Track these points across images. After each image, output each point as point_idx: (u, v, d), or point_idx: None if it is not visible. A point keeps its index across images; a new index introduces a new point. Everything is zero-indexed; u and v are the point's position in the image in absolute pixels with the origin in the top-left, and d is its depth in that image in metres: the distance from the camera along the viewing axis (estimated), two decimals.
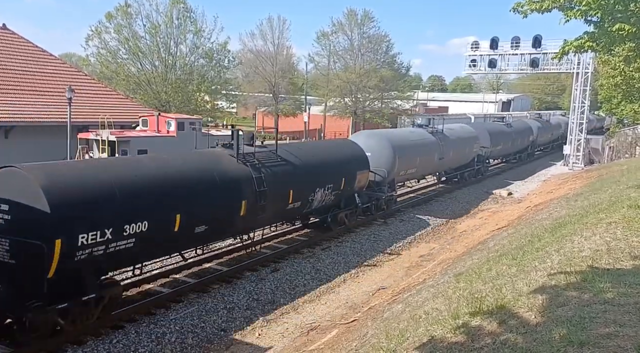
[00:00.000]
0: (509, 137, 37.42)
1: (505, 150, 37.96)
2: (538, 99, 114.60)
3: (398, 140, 22.52)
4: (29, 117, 25.12)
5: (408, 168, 23.06)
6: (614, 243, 9.16)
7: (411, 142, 23.39)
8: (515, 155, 42.07)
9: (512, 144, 38.37)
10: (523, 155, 43.67)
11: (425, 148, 24.39)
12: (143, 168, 11.28)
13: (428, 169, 26.10)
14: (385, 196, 21.22)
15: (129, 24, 39.21)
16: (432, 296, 9.93)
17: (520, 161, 42.75)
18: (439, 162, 26.28)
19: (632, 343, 5.04)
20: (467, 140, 29.98)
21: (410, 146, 22.98)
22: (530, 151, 44.86)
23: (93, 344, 10.11)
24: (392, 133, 24.84)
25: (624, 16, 11.42)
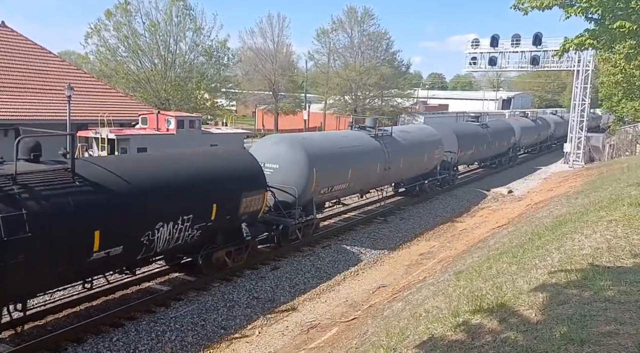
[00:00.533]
0: (483, 139, 32.14)
1: (479, 154, 32.66)
2: (538, 97, 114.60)
3: (319, 147, 17.07)
4: (28, 115, 25.08)
5: (334, 183, 17.54)
6: (614, 241, 9.14)
7: (340, 150, 17.87)
8: (493, 160, 36.75)
9: (487, 148, 32.99)
10: (504, 160, 37.77)
11: (362, 156, 18.87)
12: None
13: (368, 182, 20.26)
14: (295, 223, 15.88)
15: (129, 21, 39.20)
16: (432, 294, 9.92)
17: (500, 166, 37.20)
18: (383, 174, 20.60)
19: (632, 342, 5.02)
20: (426, 144, 24.38)
21: (337, 155, 17.54)
22: (512, 154, 39.07)
23: (93, 342, 10.10)
24: (311, 138, 18.06)
25: (624, 13, 11.39)
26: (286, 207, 15.92)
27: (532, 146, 46.60)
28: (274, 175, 15.86)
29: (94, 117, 24.88)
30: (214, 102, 45.36)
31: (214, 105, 45.10)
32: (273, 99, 60.54)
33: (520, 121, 42.48)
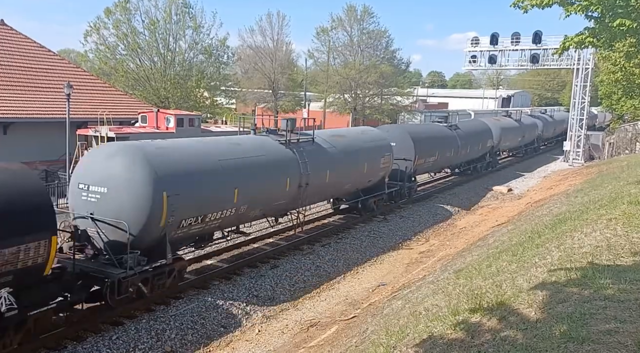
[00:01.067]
0: (451, 143, 27.05)
1: (446, 161, 27.51)
2: (538, 95, 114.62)
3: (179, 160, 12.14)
4: (28, 113, 25.05)
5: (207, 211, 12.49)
6: (614, 239, 9.14)
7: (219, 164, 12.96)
8: (467, 167, 32.01)
9: (456, 153, 27.76)
10: (480, 166, 33.23)
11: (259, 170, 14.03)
12: None
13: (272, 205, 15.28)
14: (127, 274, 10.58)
15: (128, 19, 39.08)
16: (432, 292, 9.93)
17: (475, 173, 32.55)
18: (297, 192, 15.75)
19: (632, 340, 5.03)
20: (366, 151, 19.40)
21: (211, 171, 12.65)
22: (490, 159, 34.81)
23: (93, 341, 10.10)
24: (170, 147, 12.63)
25: (624, 12, 11.37)
26: (118, 249, 11.06)
27: (516, 149, 42.55)
28: (101, 203, 11.22)
29: (94, 115, 24.84)
30: (213, 101, 45.29)
31: (213, 103, 45.02)
32: (273, 97, 60.46)
33: (500, 121, 37.55)
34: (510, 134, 37.34)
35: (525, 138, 41.60)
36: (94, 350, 9.82)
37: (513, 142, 39.17)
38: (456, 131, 28.29)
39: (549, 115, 55.65)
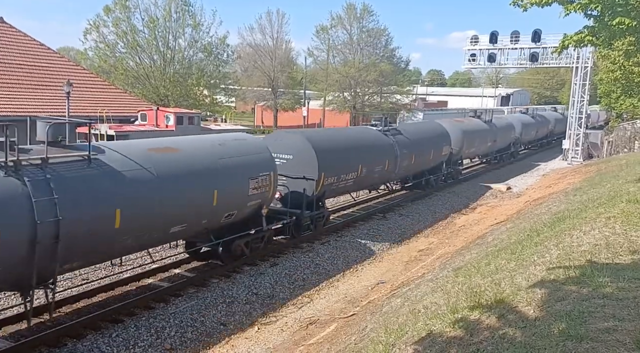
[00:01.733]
0: (385, 154, 20.94)
1: (375, 177, 20.93)
2: (537, 94, 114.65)
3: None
4: (28, 111, 25.03)
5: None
6: (612, 237, 9.17)
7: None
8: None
9: (397, 164, 21.71)
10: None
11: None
12: None
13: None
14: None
15: (127, 17, 39.09)
16: (431, 290, 9.95)
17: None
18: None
19: (630, 338, 5.05)
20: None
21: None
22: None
23: (93, 338, 10.12)
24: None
25: (624, 10, 11.38)
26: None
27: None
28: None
29: (93, 113, 24.84)
30: (213, 99, 45.29)
31: (213, 101, 45.03)
32: (272, 95, 60.48)
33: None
34: (479, 139, 31.82)
35: (498, 142, 35.45)
36: (93, 347, 9.83)
37: (481, 149, 33.48)
38: (397, 137, 22.17)
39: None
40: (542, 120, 47.29)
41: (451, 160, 28.05)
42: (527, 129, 43.31)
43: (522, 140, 43.53)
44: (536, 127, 47.37)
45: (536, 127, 47.37)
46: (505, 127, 37.62)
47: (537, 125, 48.07)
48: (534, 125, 46.67)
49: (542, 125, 47.16)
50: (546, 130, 48.13)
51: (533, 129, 46.00)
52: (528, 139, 45.34)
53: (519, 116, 46.19)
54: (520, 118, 44.65)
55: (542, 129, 47.16)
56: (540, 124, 48.12)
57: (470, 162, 36.41)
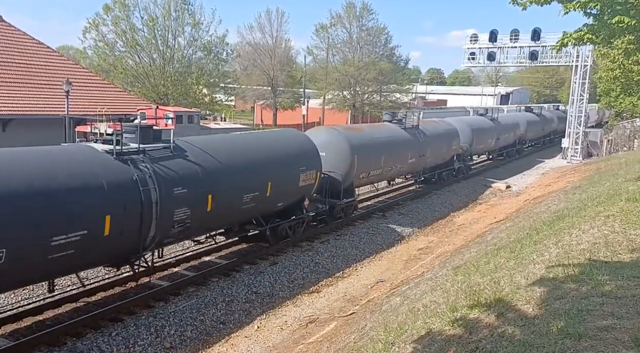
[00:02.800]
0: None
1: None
2: (537, 92, 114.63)
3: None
4: (27, 110, 25.02)
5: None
6: (612, 236, 9.18)
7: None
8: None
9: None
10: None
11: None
12: None
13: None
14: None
15: (127, 16, 39.00)
16: (430, 289, 9.97)
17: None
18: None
19: (629, 336, 5.06)
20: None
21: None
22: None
23: (92, 337, 10.13)
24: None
25: (623, 8, 11.37)
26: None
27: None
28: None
29: (92, 112, 24.81)
30: (212, 97, 45.23)
31: (212, 100, 44.98)
32: (272, 94, 60.41)
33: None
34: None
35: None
36: (93, 346, 9.84)
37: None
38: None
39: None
40: (512, 123, 42.18)
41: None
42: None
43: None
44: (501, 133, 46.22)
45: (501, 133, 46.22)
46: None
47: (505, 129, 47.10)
48: (539, 124, 47.59)
49: (510, 129, 41.82)
50: (517, 134, 42.41)
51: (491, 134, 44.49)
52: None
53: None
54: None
55: (512, 133, 42.00)
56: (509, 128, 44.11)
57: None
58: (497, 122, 35.05)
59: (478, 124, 32.72)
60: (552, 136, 50.68)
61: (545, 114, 48.35)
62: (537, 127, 44.95)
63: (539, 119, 45.61)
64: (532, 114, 45.54)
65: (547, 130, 49.06)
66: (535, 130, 44.52)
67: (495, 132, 34.15)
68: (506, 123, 37.50)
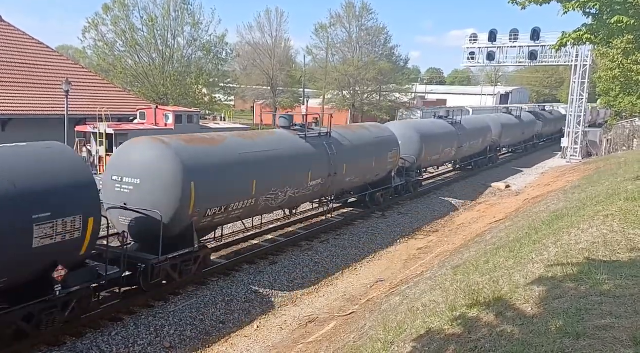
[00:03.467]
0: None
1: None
2: (536, 92, 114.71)
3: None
4: (26, 110, 25.03)
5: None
6: (610, 235, 9.20)
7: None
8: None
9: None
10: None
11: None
12: None
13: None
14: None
15: (126, 16, 38.99)
16: (429, 288, 9.98)
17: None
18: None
19: (627, 335, 5.08)
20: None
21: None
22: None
23: (92, 337, 10.14)
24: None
25: (622, 8, 11.38)
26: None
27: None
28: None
29: (92, 111, 24.82)
30: (212, 97, 45.23)
31: (212, 100, 44.98)
32: (271, 93, 60.42)
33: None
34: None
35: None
36: (93, 346, 9.85)
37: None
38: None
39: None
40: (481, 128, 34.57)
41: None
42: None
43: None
44: (555, 123, 45.65)
45: (555, 123, 45.65)
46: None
47: (556, 120, 46.01)
48: (553, 121, 44.55)
49: (527, 126, 41.17)
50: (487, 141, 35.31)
51: (553, 123, 44.43)
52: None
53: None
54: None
55: (528, 130, 41.67)
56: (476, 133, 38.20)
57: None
58: (459, 126, 28.78)
59: (431, 129, 26.14)
60: (535, 140, 44.75)
61: (525, 116, 41.69)
62: (515, 131, 38.38)
63: (517, 122, 39.24)
64: (510, 116, 39.34)
65: (529, 134, 42.53)
66: (513, 135, 37.94)
67: (456, 139, 27.79)
68: (473, 127, 30.61)
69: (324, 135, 17.32)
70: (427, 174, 29.17)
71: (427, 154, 24.70)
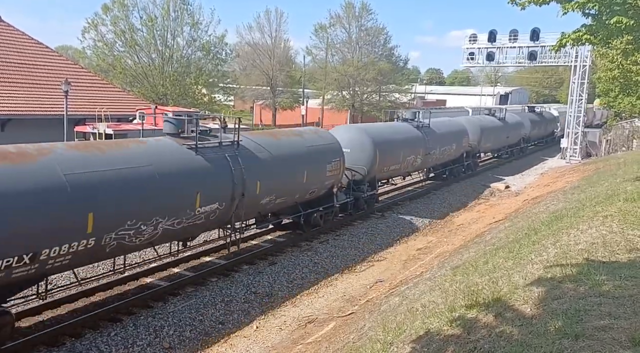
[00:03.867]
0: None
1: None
2: (536, 92, 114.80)
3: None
4: (26, 110, 25.01)
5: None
6: (610, 236, 9.20)
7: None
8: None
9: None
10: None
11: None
12: None
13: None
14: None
15: (126, 16, 39.00)
16: (429, 289, 9.98)
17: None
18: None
19: (626, 336, 5.08)
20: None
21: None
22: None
23: (91, 337, 10.13)
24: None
25: (621, 9, 11.39)
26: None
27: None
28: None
29: (92, 112, 24.81)
30: (211, 97, 45.24)
31: (211, 100, 44.98)
32: (271, 94, 60.48)
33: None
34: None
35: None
36: (92, 346, 9.85)
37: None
38: None
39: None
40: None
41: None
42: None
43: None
44: (545, 125, 43.90)
45: (545, 125, 43.90)
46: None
47: (545, 122, 44.16)
48: (542, 123, 42.69)
49: (512, 129, 37.34)
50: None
51: (542, 126, 42.69)
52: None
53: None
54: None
55: (513, 133, 37.88)
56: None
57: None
58: (427, 129, 24.53)
59: (388, 133, 21.84)
60: (522, 144, 40.70)
61: (510, 117, 37.73)
62: (498, 134, 34.60)
63: (501, 124, 35.19)
64: (492, 118, 35.22)
65: (515, 138, 38.49)
66: (495, 139, 34.12)
67: (422, 145, 23.76)
68: (446, 131, 26.74)
69: (227, 145, 13.26)
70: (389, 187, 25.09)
71: (382, 163, 20.48)
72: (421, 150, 23.75)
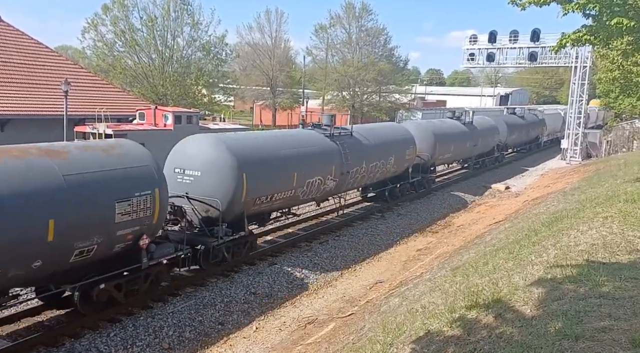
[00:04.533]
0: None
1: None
2: (536, 93, 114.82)
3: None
4: (25, 110, 24.99)
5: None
6: (610, 237, 9.20)
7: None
8: None
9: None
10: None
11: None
12: None
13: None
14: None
15: (126, 16, 38.97)
16: (429, 290, 9.97)
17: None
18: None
19: (626, 337, 5.07)
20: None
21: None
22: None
23: (91, 338, 10.12)
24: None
25: (622, 10, 11.39)
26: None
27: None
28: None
29: (91, 112, 24.80)
30: (211, 98, 45.22)
31: (211, 100, 44.96)
32: (271, 94, 60.45)
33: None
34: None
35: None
36: (91, 347, 9.83)
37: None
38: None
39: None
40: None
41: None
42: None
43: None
44: (528, 129, 39.94)
45: (528, 129, 39.94)
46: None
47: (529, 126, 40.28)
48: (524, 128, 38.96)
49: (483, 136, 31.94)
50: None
51: (524, 131, 38.69)
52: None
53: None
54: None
55: (486, 141, 32.67)
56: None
57: None
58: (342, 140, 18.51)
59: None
60: (497, 153, 34.83)
61: (479, 122, 32.14)
62: (462, 143, 28.85)
63: (466, 130, 29.59)
64: (454, 122, 29.64)
65: (486, 146, 32.98)
66: (457, 148, 28.52)
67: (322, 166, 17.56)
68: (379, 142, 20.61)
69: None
70: None
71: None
72: (334, 167, 17.65)
